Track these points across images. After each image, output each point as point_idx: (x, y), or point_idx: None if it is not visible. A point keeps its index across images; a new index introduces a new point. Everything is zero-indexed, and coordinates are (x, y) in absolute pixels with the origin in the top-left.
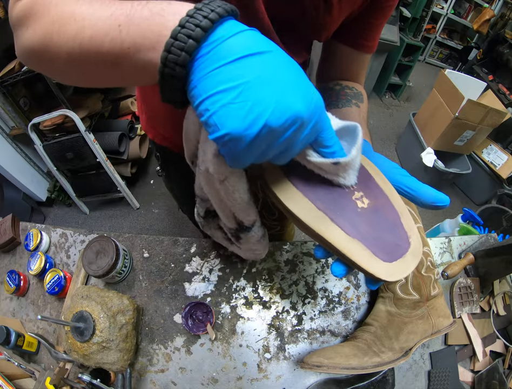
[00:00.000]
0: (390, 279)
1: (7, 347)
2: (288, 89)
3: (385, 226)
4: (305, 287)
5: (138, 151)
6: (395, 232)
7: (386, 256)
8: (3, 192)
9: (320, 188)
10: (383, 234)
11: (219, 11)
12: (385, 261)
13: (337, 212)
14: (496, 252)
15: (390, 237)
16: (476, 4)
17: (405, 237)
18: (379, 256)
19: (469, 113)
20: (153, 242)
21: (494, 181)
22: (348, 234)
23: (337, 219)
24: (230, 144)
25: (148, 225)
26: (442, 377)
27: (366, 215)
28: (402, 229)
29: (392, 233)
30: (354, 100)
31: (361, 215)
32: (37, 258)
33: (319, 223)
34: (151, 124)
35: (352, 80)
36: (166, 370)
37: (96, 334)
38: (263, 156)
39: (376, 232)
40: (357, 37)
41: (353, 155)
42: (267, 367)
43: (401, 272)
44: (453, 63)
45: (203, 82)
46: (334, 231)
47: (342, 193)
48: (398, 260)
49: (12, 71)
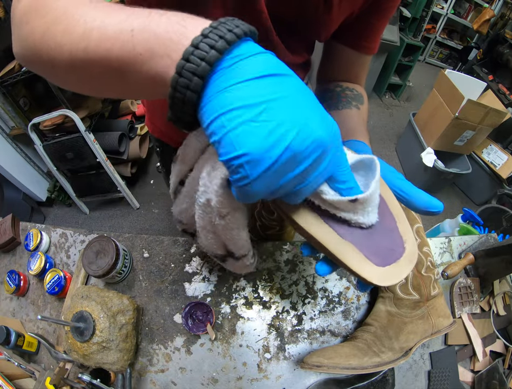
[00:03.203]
0: (382, 284)
1: (7, 347)
2: (311, 114)
3: (380, 230)
4: (305, 287)
5: (138, 151)
6: (390, 236)
7: (380, 260)
8: (3, 192)
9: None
10: (378, 238)
11: (243, 27)
12: (378, 265)
13: None
14: (496, 252)
15: (384, 241)
16: (476, 4)
17: (400, 243)
18: (372, 260)
19: (469, 113)
20: (153, 242)
21: (494, 181)
22: (341, 236)
23: (331, 221)
24: (246, 167)
25: (148, 225)
26: (442, 377)
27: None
28: (397, 234)
29: (387, 237)
30: (354, 102)
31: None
32: (37, 258)
33: (312, 224)
34: (150, 118)
35: (352, 81)
36: (166, 370)
37: (96, 334)
38: (277, 189)
39: (370, 236)
40: (357, 38)
41: (372, 191)
42: (267, 367)
43: (393, 277)
44: (453, 63)
45: (221, 96)
46: (326, 232)
47: None
48: (391, 265)
49: (12, 71)
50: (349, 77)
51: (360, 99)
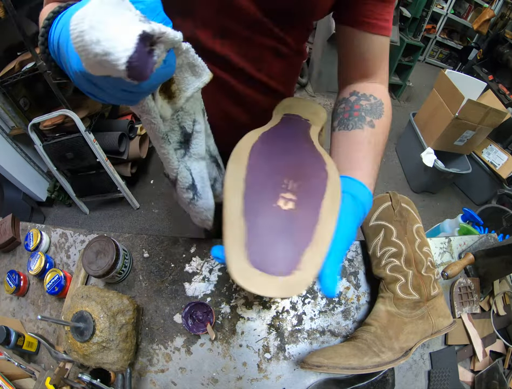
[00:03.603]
0: (239, 281)
1: (7, 347)
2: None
3: (284, 239)
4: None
5: (138, 151)
6: (288, 250)
7: (259, 263)
8: (3, 192)
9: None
10: (276, 245)
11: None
12: (254, 267)
13: (255, 200)
14: (496, 252)
15: (280, 251)
16: (476, 4)
17: (294, 263)
18: (252, 258)
19: (469, 113)
20: (153, 242)
21: (494, 181)
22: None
23: (248, 209)
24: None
25: (148, 225)
26: (442, 377)
27: (277, 219)
28: (299, 253)
29: (285, 250)
30: (369, 116)
31: (273, 215)
32: (37, 258)
33: (230, 198)
34: None
35: (370, 74)
36: (166, 370)
37: (96, 334)
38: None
39: (269, 239)
40: (367, 17)
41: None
42: (267, 367)
43: (255, 285)
44: (453, 63)
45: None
46: (233, 205)
47: (274, 185)
48: (267, 274)
49: (12, 71)
50: (365, 69)
51: (377, 110)
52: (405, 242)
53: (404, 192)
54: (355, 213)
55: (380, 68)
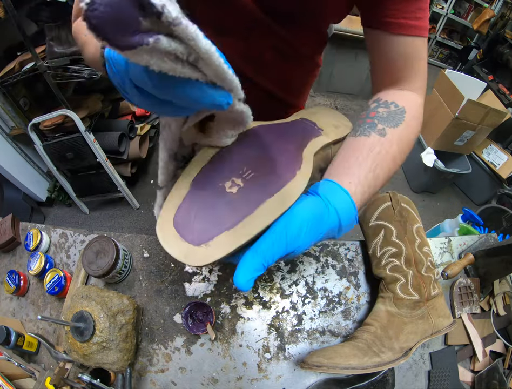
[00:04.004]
0: (157, 232)
1: (7, 347)
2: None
3: (211, 216)
4: (305, 287)
5: (138, 150)
6: (208, 226)
7: (179, 226)
8: (3, 192)
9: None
10: (201, 218)
11: None
12: (174, 227)
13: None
14: (496, 252)
15: (200, 224)
16: (476, 4)
17: (206, 238)
18: (176, 219)
19: (469, 113)
20: (153, 242)
21: (494, 181)
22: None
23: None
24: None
25: (148, 225)
26: (442, 377)
27: (215, 197)
28: (215, 233)
29: (206, 225)
30: (382, 124)
31: (214, 193)
32: (37, 258)
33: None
34: None
35: (402, 80)
36: (166, 370)
37: (96, 334)
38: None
39: (198, 211)
40: (392, 17)
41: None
42: (267, 367)
43: (165, 240)
44: (453, 63)
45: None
46: (188, 173)
47: (232, 169)
48: (180, 236)
49: (12, 71)
50: (394, 75)
51: (395, 119)
52: (405, 242)
53: (404, 192)
54: (317, 218)
55: (412, 73)
